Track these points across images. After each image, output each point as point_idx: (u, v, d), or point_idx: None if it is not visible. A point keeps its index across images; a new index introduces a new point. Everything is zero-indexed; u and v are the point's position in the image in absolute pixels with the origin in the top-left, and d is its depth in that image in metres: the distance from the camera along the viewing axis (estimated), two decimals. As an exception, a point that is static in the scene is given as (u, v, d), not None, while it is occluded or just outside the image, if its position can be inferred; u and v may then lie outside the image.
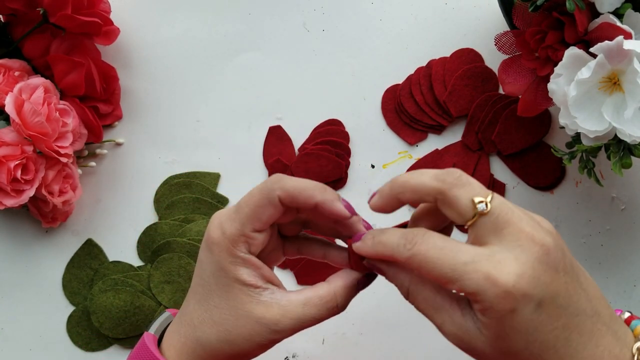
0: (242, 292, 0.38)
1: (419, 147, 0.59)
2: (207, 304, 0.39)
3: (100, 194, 0.60)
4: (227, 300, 0.38)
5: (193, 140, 0.60)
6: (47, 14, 0.53)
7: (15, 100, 0.50)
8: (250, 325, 0.38)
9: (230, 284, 0.38)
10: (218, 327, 0.39)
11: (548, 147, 0.57)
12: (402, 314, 0.58)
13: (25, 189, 0.52)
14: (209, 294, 0.39)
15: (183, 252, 0.58)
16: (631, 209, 0.57)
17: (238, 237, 0.38)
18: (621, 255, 0.57)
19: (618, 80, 0.45)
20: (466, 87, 0.58)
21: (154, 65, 0.60)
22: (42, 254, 0.60)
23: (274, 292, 0.39)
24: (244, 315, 0.38)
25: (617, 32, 0.44)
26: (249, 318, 0.38)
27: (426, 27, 0.59)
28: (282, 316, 0.38)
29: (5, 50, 0.55)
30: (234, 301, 0.38)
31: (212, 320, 0.39)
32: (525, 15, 0.49)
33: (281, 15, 0.60)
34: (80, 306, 0.59)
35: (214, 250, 0.38)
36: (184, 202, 0.59)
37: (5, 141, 0.51)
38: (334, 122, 0.59)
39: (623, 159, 0.46)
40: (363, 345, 0.58)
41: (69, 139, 0.53)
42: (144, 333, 0.41)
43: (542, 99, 0.50)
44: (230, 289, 0.38)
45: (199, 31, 0.60)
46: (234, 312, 0.38)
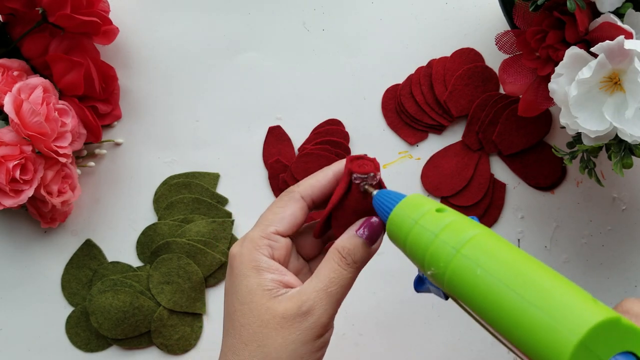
0: (264, 297, 0.35)
1: (419, 147, 0.59)
2: (234, 329, 0.35)
3: (100, 194, 0.60)
4: (251, 312, 0.35)
5: (192, 140, 0.60)
6: (46, 13, 0.53)
7: (14, 100, 0.50)
8: (278, 325, 0.34)
9: (255, 298, 0.35)
10: (249, 348, 0.34)
11: (549, 147, 0.57)
12: (401, 314, 0.58)
13: (24, 189, 0.52)
14: (233, 315, 0.36)
15: (182, 253, 0.58)
16: (632, 209, 0.57)
17: (260, 239, 0.36)
18: (622, 256, 0.57)
19: (619, 80, 0.45)
20: (467, 86, 0.58)
21: (154, 65, 0.60)
22: (41, 255, 0.59)
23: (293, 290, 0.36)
24: (270, 320, 0.34)
25: (618, 31, 0.44)
26: (273, 315, 0.34)
27: (426, 27, 0.59)
28: (303, 294, 0.35)
29: (4, 50, 0.55)
30: (258, 311, 0.35)
31: (242, 343, 0.35)
32: (526, 15, 0.49)
33: (281, 15, 0.60)
34: (79, 307, 0.59)
35: (234, 265, 0.36)
36: (184, 202, 0.59)
37: (4, 141, 0.51)
38: (334, 122, 0.59)
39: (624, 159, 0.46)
40: (363, 345, 0.58)
41: (68, 139, 0.53)
42: None
43: (543, 98, 0.50)
44: (252, 299, 0.35)
45: (199, 31, 0.60)
46: (259, 322, 0.35)
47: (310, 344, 0.34)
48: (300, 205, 0.38)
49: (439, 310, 0.58)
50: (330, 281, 0.35)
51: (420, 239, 0.33)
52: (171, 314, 0.58)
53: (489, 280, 0.30)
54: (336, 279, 0.35)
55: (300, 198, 0.38)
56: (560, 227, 0.58)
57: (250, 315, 0.35)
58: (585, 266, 0.57)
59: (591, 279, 0.57)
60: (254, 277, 0.35)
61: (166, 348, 0.58)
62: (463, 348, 0.58)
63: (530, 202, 0.58)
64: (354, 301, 0.58)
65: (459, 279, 0.31)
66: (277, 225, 0.37)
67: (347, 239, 0.37)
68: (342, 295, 0.36)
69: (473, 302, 0.30)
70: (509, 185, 0.58)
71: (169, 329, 0.58)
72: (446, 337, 0.58)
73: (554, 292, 0.28)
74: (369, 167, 0.37)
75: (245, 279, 0.35)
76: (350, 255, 0.36)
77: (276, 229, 0.37)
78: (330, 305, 0.35)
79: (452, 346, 0.58)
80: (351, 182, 0.36)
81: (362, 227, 0.37)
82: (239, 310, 0.35)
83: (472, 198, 0.57)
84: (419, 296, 0.58)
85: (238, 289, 0.36)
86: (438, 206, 0.34)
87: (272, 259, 0.36)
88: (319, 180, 0.38)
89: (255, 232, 0.37)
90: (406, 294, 0.58)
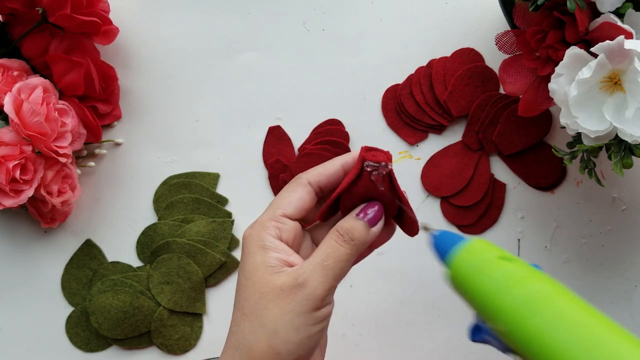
0: (266, 272, 0.37)
1: (419, 147, 0.59)
2: (238, 302, 0.38)
3: (100, 194, 0.60)
4: (253, 285, 0.37)
5: (192, 140, 0.60)
6: (46, 13, 0.53)
7: (14, 100, 0.50)
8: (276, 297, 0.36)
9: (258, 273, 0.37)
10: (249, 318, 0.36)
11: (549, 147, 0.57)
12: (401, 314, 0.58)
13: (24, 189, 0.52)
14: (239, 290, 0.38)
15: (182, 253, 0.58)
16: (632, 209, 0.57)
17: (268, 221, 0.38)
18: (622, 256, 0.57)
19: (619, 80, 0.45)
20: (467, 86, 0.58)
21: (154, 65, 0.60)
22: (41, 255, 0.59)
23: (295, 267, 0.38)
24: (269, 292, 0.36)
25: (618, 31, 0.44)
26: (272, 287, 0.36)
27: (426, 27, 0.59)
28: (300, 268, 0.37)
29: (4, 50, 0.55)
30: (259, 284, 0.37)
31: (244, 314, 0.37)
32: (526, 15, 0.49)
33: (281, 15, 0.60)
34: (79, 307, 0.59)
35: (244, 245, 0.38)
36: (184, 202, 0.59)
37: (4, 141, 0.51)
38: (333, 122, 0.59)
39: (624, 159, 0.46)
40: (363, 345, 0.58)
41: (68, 139, 0.53)
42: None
43: (543, 98, 0.50)
44: (255, 274, 0.37)
45: (199, 31, 0.60)
46: (259, 294, 0.36)
47: (306, 316, 0.36)
48: (307, 190, 0.40)
49: (439, 310, 0.58)
50: (327, 255, 0.37)
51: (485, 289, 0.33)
52: (171, 314, 0.58)
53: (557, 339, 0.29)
54: (332, 254, 0.37)
55: (307, 184, 0.40)
56: (560, 227, 0.58)
57: (252, 288, 0.37)
58: (585, 266, 0.57)
59: (591, 279, 0.57)
60: (259, 255, 0.37)
61: (166, 348, 0.58)
62: (463, 348, 0.58)
63: (530, 202, 0.58)
64: (354, 301, 0.58)
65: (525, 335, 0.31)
66: (285, 208, 0.39)
67: (347, 219, 0.39)
68: (340, 270, 0.37)
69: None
70: (509, 185, 0.58)
71: (169, 329, 0.58)
72: (446, 337, 0.58)
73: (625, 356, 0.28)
74: (382, 157, 0.38)
75: (251, 257, 0.38)
76: (347, 233, 0.38)
77: (284, 212, 0.39)
78: (326, 279, 0.36)
79: (452, 346, 0.58)
80: (362, 169, 0.38)
81: (363, 210, 0.39)
82: (244, 284, 0.37)
83: (472, 198, 0.57)
84: (419, 296, 0.58)
85: (245, 265, 0.38)
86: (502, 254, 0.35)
87: (280, 240, 0.38)
88: (327, 169, 0.40)
89: (264, 215, 0.39)
90: (406, 294, 0.58)
